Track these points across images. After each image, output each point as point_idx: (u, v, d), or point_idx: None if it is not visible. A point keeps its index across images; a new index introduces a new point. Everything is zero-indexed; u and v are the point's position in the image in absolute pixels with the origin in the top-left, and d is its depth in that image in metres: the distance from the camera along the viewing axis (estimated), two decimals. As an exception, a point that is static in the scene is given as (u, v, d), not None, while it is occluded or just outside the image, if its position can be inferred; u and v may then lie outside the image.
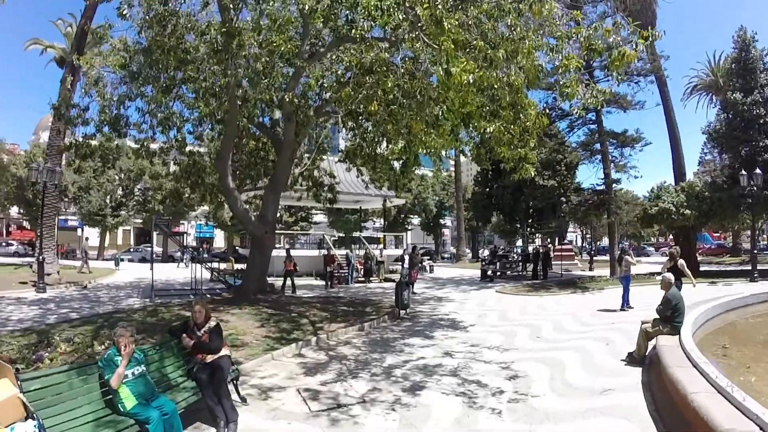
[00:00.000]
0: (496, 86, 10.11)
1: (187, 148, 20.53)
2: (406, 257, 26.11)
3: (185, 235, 56.28)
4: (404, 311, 16.02)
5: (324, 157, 24.44)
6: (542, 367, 9.45)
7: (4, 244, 55.30)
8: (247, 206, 27.01)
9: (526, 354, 10.61)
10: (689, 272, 15.53)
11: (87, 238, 44.63)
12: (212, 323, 7.43)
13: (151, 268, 22.20)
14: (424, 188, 62.10)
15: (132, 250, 60.51)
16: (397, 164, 17.27)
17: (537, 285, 25.25)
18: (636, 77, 28.43)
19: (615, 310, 16.64)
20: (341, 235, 46.29)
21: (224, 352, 7.33)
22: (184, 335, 7.37)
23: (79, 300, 19.34)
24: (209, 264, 26.00)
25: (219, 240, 76.06)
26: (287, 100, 14.17)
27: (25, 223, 64.73)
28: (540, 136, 27.00)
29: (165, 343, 7.59)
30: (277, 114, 18.61)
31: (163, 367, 7.10)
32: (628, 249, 19.49)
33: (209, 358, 7.10)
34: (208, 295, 19.98)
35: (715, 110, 47.41)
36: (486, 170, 49.88)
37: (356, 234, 38.84)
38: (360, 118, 18.20)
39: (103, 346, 8.90)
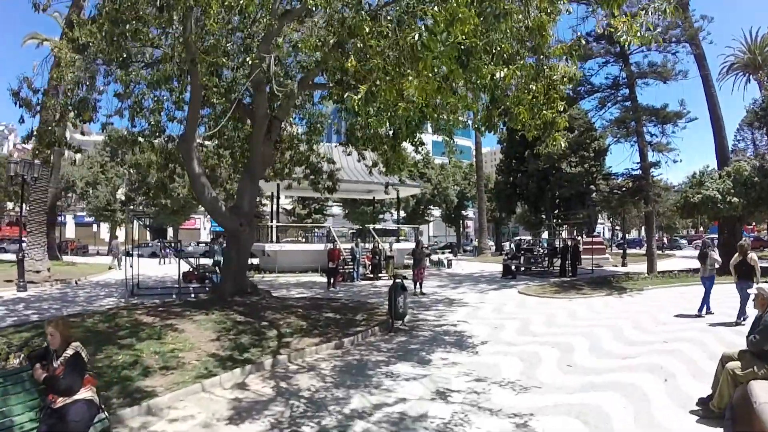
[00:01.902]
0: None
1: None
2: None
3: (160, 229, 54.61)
4: (400, 321, 12.99)
5: (320, 140, 21.62)
6: (578, 425, 6.30)
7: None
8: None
9: (553, 396, 7.45)
10: (759, 269, 12.78)
11: (117, 236, 42.94)
12: (69, 352, 5.36)
13: (131, 265, 19.90)
14: (444, 177, 58.99)
15: (146, 245, 58.50)
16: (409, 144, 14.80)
17: (566, 284, 21.92)
18: (672, 45, 24.91)
19: (690, 316, 13.91)
20: (359, 227, 43.64)
21: (82, 394, 5.24)
22: (38, 365, 5.38)
23: (54, 300, 17.95)
24: (190, 260, 23.28)
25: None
26: (250, 63, 11.58)
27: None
28: (570, 95, 24.00)
29: (15, 373, 5.51)
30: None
31: (7, 407, 5.11)
32: (711, 243, 16.24)
33: (59, 401, 5.13)
34: (193, 296, 17.89)
35: (757, 89, 44.17)
36: (509, 158, 47.20)
37: (368, 226, 35.87)
38: (352, 87, 15.51)
39: (17, 360, 7.09)
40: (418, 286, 19.70)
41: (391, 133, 11.93)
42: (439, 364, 9.46)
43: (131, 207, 53.67)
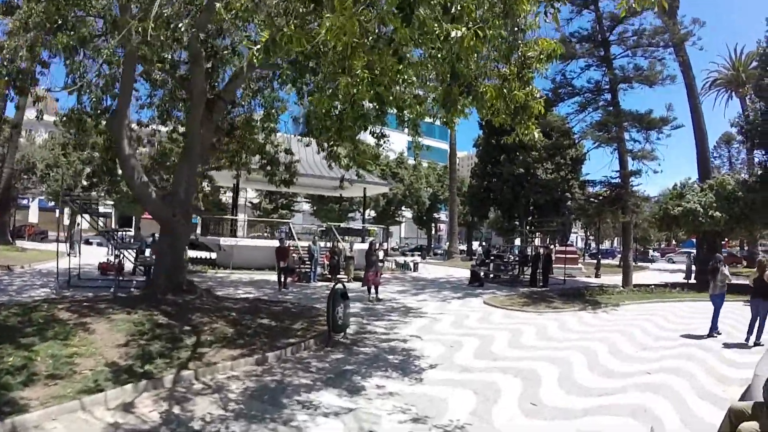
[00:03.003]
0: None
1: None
2: (380, 253, 21.65)
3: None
4: (341, 334, 11.23)
5: (276, 128, 19.90)
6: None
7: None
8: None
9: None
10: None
11: (78, 223, 40.68)
12: None
13: (68, 254, 19.04)
14: (417, 178, 57.43)
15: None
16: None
17: (535, 295, 20.24)
18: (660, 50, 23.64)
19: (670, 338, 12.14)
20: (331, 224, 42.00)
21: None
22: None
23: None
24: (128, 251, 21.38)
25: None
26: (182, 29, 9.88)
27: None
28: (549, 96, 22.56)
29: None
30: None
31: None
32: (722, 258, 14.95)
33: None
34: (133, 290, 16.49)
35: (738, 106, 43.57)
36: (484, 162, 46.06)
37: (330, 224, 34.25)
38: (308, 68, 13.87)
39: None
40: (372, 291, 17.95)
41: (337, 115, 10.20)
42: (373, 393, 7.66)
43: (91, 193, 51.34)
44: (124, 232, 27.07)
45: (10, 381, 6.88)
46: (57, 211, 64.03)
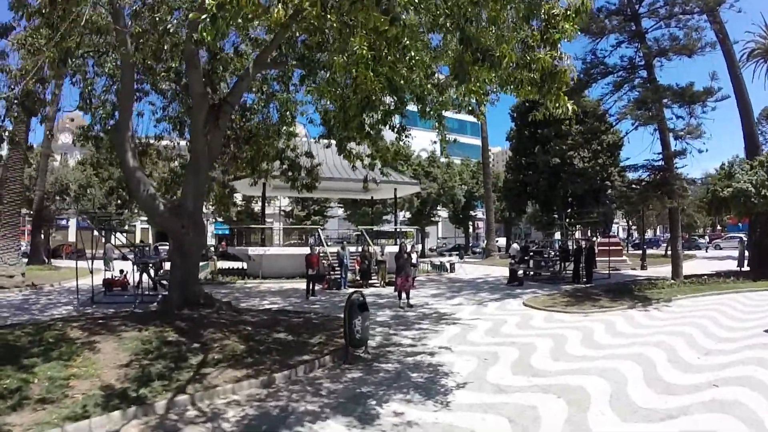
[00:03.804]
0: None
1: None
2: (414, 255, 20.55)
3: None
4: (362, 348, 10.14)
5: (293, 132, 19.06)
6: None
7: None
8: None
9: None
10: None
11: (110, 242, 41.22)
12: None
13: (91, 270, 18.26)
14: (451, 176, 55.96)
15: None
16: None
17: (579, 293, 18.74)
18: (691, 18, 21.69)
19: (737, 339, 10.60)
20: (362, 228, 41.14)
21: None
22: None
23: (11, 307, 16.56)
24: (149, 265, 20.94)
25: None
26: (170, 30, 9.05)
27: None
28: (581, 78, 20.96)
29: None
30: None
31: None
32: None
33: None
34: (154, 305, 15.76)
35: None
36: (518, 154, 44.85)
37: (361, 228, 33.35)
38: (317, 63, 13.00)
39: None
40: (403, 297, 16.79)
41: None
42: (388, 423, 6.51)
43: (124, 211, 51.59)
44: (147, 248, 26.44)
45: (0, 405, 6.61)
46: (79, 230, 65.38)
